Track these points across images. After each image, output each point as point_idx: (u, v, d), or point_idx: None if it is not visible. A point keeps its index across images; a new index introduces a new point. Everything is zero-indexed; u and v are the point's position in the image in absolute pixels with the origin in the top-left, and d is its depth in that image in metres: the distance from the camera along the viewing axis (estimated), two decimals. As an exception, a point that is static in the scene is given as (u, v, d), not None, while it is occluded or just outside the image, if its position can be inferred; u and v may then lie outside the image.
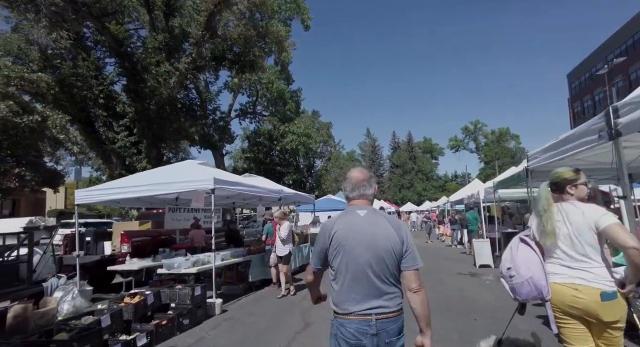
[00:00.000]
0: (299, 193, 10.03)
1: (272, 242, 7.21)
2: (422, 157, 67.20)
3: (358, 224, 1.81)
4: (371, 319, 1.70)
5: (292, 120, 27.65)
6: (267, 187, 8.12)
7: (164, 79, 18.78)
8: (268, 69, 25.94)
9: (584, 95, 47.24)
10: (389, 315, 1.72)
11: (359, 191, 1.92)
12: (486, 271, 8.56)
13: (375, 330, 1.69)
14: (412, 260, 1.77)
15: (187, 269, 5.65)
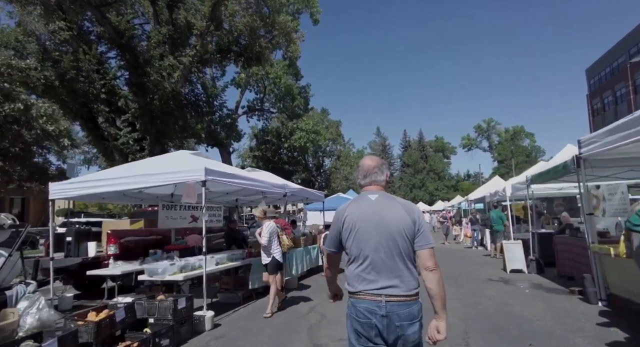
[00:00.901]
0: (307, 189, 9.10)
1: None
2: (433, 156, 65.79)
3: (369, 208, 1.84)
4: (381, 300, 1.71)
5: (301, 117, 26.75)
6: (270, 182, 7.21)
7: (168, 72, 18.12)
8: (276, 64, 25.12)
9: (604, 90, 45.48)
10: (400, 298, 1.71)
11: (370, 178, 1.95)
12: (519, 277, 7.50)
13: (384, 311, 1.69)
14: (425, 239, 1.78)
15: (172, 275, 4.77)
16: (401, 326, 1.69)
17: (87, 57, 16.33)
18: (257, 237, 5.39)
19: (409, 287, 1.73)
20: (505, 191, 10.54)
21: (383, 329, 1.69)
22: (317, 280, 8.20)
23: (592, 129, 46.67)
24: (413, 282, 1.75)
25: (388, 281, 1.73)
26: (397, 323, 1.68)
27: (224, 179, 5.37)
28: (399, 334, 1.69)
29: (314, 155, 38.26)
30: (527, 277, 7.44)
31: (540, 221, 10.81)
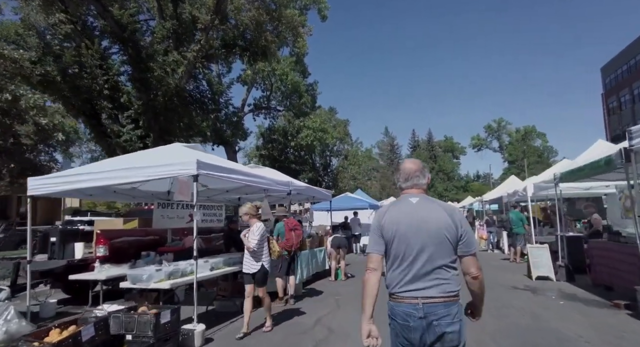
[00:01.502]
0: (313, 188, 8.48)
1: (283, 245, 5.73)
2: (442, 157, 64.69)
3: (410, 211, 1.84)
4: (417, 303, 1.72)
5: (308, 115, 26.14)
6: (273, 179, 6.60)
7: (172, 68, 17.71)
8: (283, 60, 24.56)
9: (621, 89, 44.19)
10: (437, 300, 1.71)
11: (412, 181, 1.94)
12: (548, 286, 6.78)
13: (422, 313, 1.70)
14: (468, 245, 1.78)
15: (158, 282, 4.19)
16: (439, 325, 1.70)
17: (89, 52, 15.93)
18: (243, 239, 4.43)
19: (447, 289, 1.74)
20: (526, 191, 9.80)
21: (423, 331, 1.70)
22: (324, 285, 7.58)
23: (608, 129, 45.35)
24: (452, 285, 1.75)
25: (426, 283, 1.74)
26: (435, 323, 1.69)
27: (219, 174, 4.78)
28: (437, 334, 1.70)
29: (321, 155, 37.66)
30: (556, 286, 6.72)
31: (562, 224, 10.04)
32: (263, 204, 7.03)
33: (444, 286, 1.73)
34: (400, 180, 1.99)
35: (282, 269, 5.75)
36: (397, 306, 1.77)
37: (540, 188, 8.99)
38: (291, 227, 5.78)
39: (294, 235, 5.75)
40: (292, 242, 5.72)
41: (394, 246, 1.82)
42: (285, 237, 5.74)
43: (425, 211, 1.82)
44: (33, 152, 22.75)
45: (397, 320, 1.76)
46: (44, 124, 14.40)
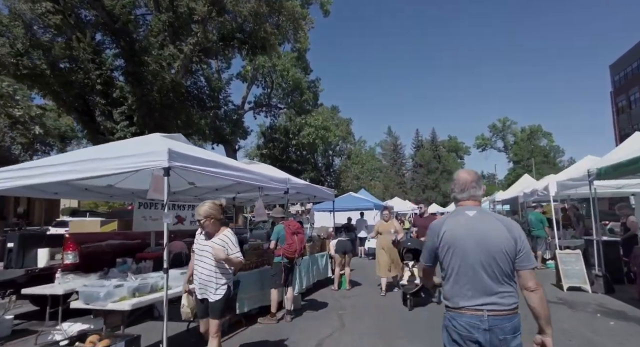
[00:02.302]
0: (314, 186, 7.63)
1: (282, 251, 4.89)
2: (447, 157, 63.69)
3: (467, 224, 1.83)
4: (483, 315, 1.71)
5: (310, 113, 25.32)
6: (267, 175, 5.75)
7: (168, 62, 16.97)
8: (284, 56, 23.77)
9: (631, 86, 43.08)
10: (502, 312, 1.71)
11: (468, 192, 1.92)
12: (584, 298, 5.89)
13: (487, 325, 1.70)
14: (527, 259, 1.77)
15: (118, 302, 3.35)
16: (505, 340, 1.70)
17: (81, 46, 15.21)
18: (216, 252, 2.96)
19: (509, 302, 1.74)
20: (547, 190, 8.91)
21: (485, 342, 1.70)
22: (326, 296, 6.72)
23: (617, 128, 44.27)
24: (512, 299, 1.75)
25: (487, 298, 1.74)
26: (500, 337, 1.69)
27: (198, 167, 3.93)
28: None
29: (324, 154, 36.87)
30: (594, 299, 5.83)
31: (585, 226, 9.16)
32: (257, 203, 6.21)
33: (506, 299, 1.74)
34: (456, 190, 1.98)
35: (280, 280, 4.89)
36: (460, 317, 1.76)
37: (566, 187, 8.12)
38: (293, 231, 4.93)
39: (296, 239, 4.91)
40: (295, 248, 4.89)
41: (452, 260, 1.82)
42: (286, 242, 4.89)
43: (483, 224, 1.81)
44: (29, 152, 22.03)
45: (459, 331, 1.75)
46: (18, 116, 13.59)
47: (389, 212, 6.90)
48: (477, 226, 1.81)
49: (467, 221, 1.84)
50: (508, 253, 1.74)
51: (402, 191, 54.10)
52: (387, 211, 6.97)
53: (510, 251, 1.74)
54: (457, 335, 1.75)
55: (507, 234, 1.77)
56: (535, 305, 1.72)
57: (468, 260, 1.77)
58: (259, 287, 5.02)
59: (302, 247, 5.09)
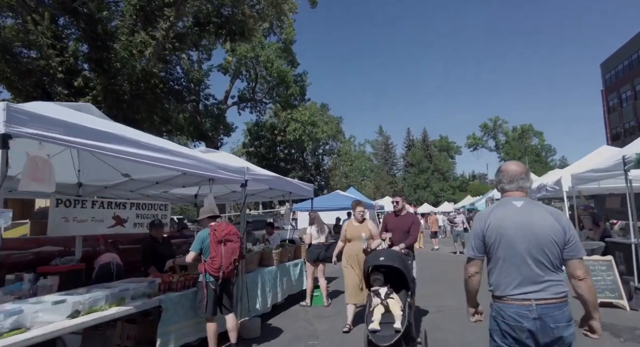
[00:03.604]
0: (286, 179, 6.26)
1: (208, 267, 3.50)
2: (438, 156, 62.98)
3: (515, 215, 1.85)
4: (531, 304, 1.73)
5: (296, 108, 23.96)
6: (215, 162, 4.37)
7: (139, 50, 15.46)
8: (268, 47, 22.37)
9: (622, 85, 42.81)
10: (550, 301, 1.73)
11: (517, 183, 1.94)
12: (625, 319, 4.65)
13: (536, 314, 1.72)
14: (576, 249, 1.79)
15: None
16: (557, 328, 1.71)
17: (39, 29, 13.65)
18: None
19: (557, 291, 1.75)
20: (559, 185, 7.73)
21: (537, 331, 1.72)
22: (296, 317, 5.37)
23: (608, 127, 43.94)
24: (560, 288, 1.76)
25: (536, 286, 1.75)
26: (552, 325, 1.71)
27: (74, 139, 2.53)
28: (555, 336, 1.71)
29: (313, 153, 35.60)
30: (637, 319, 4.60)
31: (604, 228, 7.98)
32: (207, 200, 4.83)
33: (555, 287, 1.75)
34: (504, 181, 1.98)
35: (207, 307, 3.48)
36: (508, 308, 1.78)
37: (585, 180, 6.91)
38: (220, 238, 3.50)
39: (223, 250, 3.49)
40: (219, 263, 3.48)
41: (499, 249, 1.84)
42: (209, 255, 3.51)
43: (531, 214, 1.83)
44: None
45: (508, 321, 1.77)
46: None
47: (363, 210, 4.85)
48: (525, 216, 1.82)
49: (514, 211, 1.85)
50: (557, 243, 1.76)
51: (393, 190, 53.10)
52: (360, 207, 4.84)
53: (559, 241, 1.76)
54: (507, 325, 1.78)
55: (556, 223, 1.78)
56: (584, 293, 1.74)
57: (515, 249, 1.80)
58: (190, 315, 3.63)
59: (234, 261, 3.59)
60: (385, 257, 3.64)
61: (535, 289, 1.73)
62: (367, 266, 3.72)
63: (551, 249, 1.75)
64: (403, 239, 4.41)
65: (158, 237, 4.51)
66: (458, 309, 5.31)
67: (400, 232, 4.53)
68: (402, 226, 4.58)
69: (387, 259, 3.62)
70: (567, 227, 1.78)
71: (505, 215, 1.85)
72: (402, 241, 4.37)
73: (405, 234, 4.50)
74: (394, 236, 4.52)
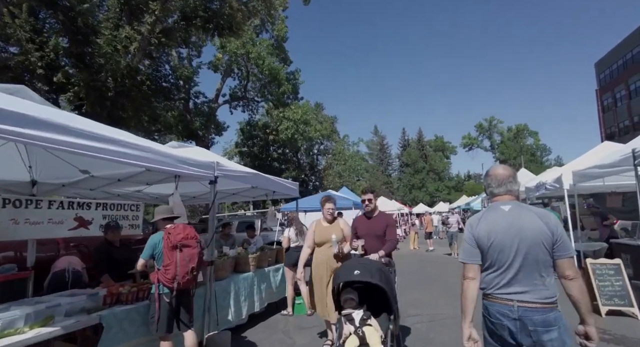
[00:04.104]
0: (266, 176, 5.75)
1: (161, 277, 2.99)
2: (433, 156, 62.75)
3: (503, 218, 1.87)
4: (512, 305, 1.78)
5: (288, 106, 23.42)
6: (181, 156, 3.86)
7: (124, 45, 14.90)
8: (259, 43, 21.84)
9: (616, 84, 42.79)
10: (532, 305, 1.74)
11: (505, 187, 1.97)
12: (634, 329, 4.22)
13: (516, 315, 1.75)
14: (564, 249, 1.78)
15: None
16: (535, 331, 1.72)
17: (16, 22, 13.06)
18: None
19: (543, 295, 1.76)
20: (560, 183, 7.29)
21: (516, 331, 1.76)
22: (274, 327, 4.87)
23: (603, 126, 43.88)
24: (548, 292, 1.77)
25: (521, 288, 1.78)
26: (530, 328, 1.73)
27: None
28: (534, 339, 1.73)
29: (307, 153, 35.08)
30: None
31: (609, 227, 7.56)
32: (172, 199, 4.33)
33: (541, 291, 1.76)
34: (492, 185, 2.00)
35: (159, 323, 2.96)
36: (492, 306, 1.84)
37: (587, 177, 6.47)
38: (175, 243, 2.99)
39: (178, 257, 2.98)
40: (173, 273, 2.96)
41: (489, 253, 1.87)
42: (162, 263, 3.01)
43: (519, 218, 1.84)
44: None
45: (491, 318, 1.84)
46: None
47: (332, 207, 3.94)
48: (513, 220, 1.84)
49: (503, 215, 1.88)
50: (545, 245, 1.77)
51: (388, 190, 52.71)
52: (329, 204, 3.95)
53: (547, 243, 1.77)
54: (490, 323, 1.86)
55: (543, 225, 1.79)
56: (574, 293, 1.73)
57: (504, 253, 1.82)
58: (142, 332, 3.10)
59: (192, 270, 3.04)
60: (361, 271, 2.70)
61: (520, 290, 1.77)
62: (337, 282, 2.82)
63: (539, 251, 1.77)
64: (378, 246, 3.58)
65: (114, 241, 3.98)
66: (454, 317, 4.84)
67: (374, 237, 3.69)
68: (375, 230, 3.72)
69: (363, 272, 2.69)
70: (554, 229, 1.78)
71: (494, 219, 1.89)
72: (376, 249, 3.54)
73: (379, 239, 3.68)
74: (367, 243, 3.68)
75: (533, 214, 1.83)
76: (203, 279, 3.95)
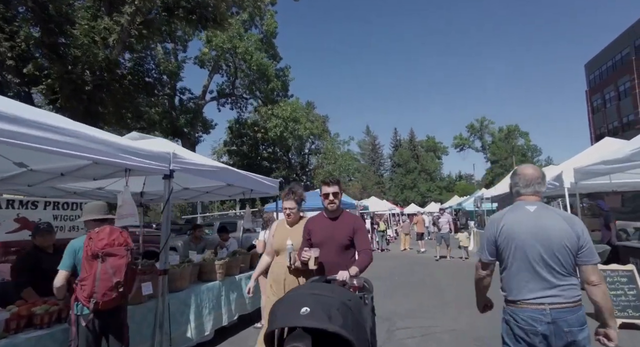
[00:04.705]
0: (243, 173, 5.10)
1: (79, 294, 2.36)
2: (425, 156, 62.64)
3: (528, 219, 1.84)
4: (544, 308, 1.74)
5: (277, 103, 22.78)
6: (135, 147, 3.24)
7: (102, 37, 14.13)
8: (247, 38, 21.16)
9: (606, 86, 43.13)
10: (564, 305, 1.74)
11: (533, 188, 1.94)
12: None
13: (550, 318, 1.72)
14: (590, 255, 1.77)
15: None
16: (571, 332, 1.71)
17: (-17, 11, 12.26)
18: None
19: (571, 295, 1.75)
20: (560, 181, 6.80)
21: (550, 335, 1.72)
22: (245, 344, 4.25)
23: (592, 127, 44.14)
24: (574, 292, 1.77)
25: (548, 291, 1.76)
26: (566, 329, 1.71)
27: None
28: (569, 340, 1.72)
29: (299, 153, 34.46)
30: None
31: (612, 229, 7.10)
32: (122, 197, 3.68)
33: (568, 291, 1.76)
34: (520, 185, 1.96)
35: None
36: (522, 312, 1.78)
37: (591, 174, 5.98)
38: (96, 251, 2.32)
39: (99, 270, 2.30)
40: (90, 289, 2.29)
41: (511, 254, 1.83)
42: (79, 276, 2.36)
43: (544, 219, 1.82)
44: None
45: (521, 325, 1.78)
46: None
47: (292, 207, 3.03)
48: (538, 221, 1.82)
49: (527, 216, 1.85)
50: (570, 248, 1.76)
51: (380, 191, 52.36)
52: (289, 201, 3.05)
53: (572, 246, 1.76)
54: (520, 329, 1.78)
55: (569, 229, 1.78)
56: (598, 299, 1.73)
57: (528, 254, 1.79)
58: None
59: (118, 285, 2.35)
60: (313, 308, 1.59)
61: (549, 294, 1.75)
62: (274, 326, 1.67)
63: (564, 254, 1.76)
64: (340, 261, 2.52)
65: (45, 247, 3.32)
66: (450, 331, 4.28)
67: (336, 247, 2.59)
68: (339, 236, 2.62)
69: (315, 312, 1.57)
70: (580, 233, 1.77)
71: (517, 219, 1.86)
72: (337, 264, 2.47)
73: (343, 251, 2.61)
74: (325, 254, 2.54)
75: (558, 216, 1.82)
76: (154, 292, 3.33)
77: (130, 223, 3.60)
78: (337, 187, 2.78)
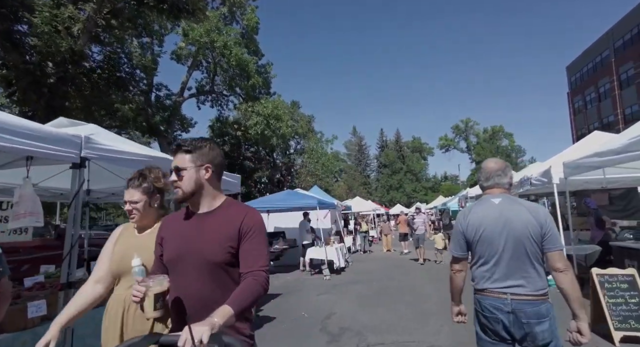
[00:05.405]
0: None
1: None
2: (410, 157, 62.67)
3: (492, 212, 1.88)
4: (506, 298, 1.77)
5: (259, 100, 22.00)
6: (21, 125, 2.51)
7: (66, 26, 13.17)
8: (226, 33, 20.34)
9: (587, 87, 43.84)
10: (525, 297, 1.74)
11: (493, 180, 1.97)
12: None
13: (510, 308, 1.75)
14: (553, 241, 1.78)
15: None
16: (528, 324, 1.73)
17: None
18: None
19: (535, 287, 1.76)
20: (549, 176, 6.30)
21: (509, 324, 1.75)
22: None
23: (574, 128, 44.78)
24: (540, 283, 1.77)
25: (514, 281, 1.78)
26: (524, 320, 1.73)
27: None
28: (526, 331, 1.73)
29: (284, 153, 33.70)
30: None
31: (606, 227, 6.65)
32: (19, 193, 2.97)
33: (532, 284, 1.75)
34: (482, 179, 2.01)
35: None
36: (485, 299, 1.83)
37: (580, 168, 5.48)
38: None
39: None
40: None
41: (478, 246, 1.88)
42: None
43: (508, 211, 1.84)
44: None
45: (485, 313, 1.82)
46: None
47: (144, 194, 1.89)
48: (502, 212, 1.85)
49: (492, 208, 1.88)
50: (533, 237, 1.77)
51: (367, 191, 52.02)
52: (137, 186, 1.90)
53: (536, 235, 1.77)
54: (483, 317, 1.84)
55: (532, 219, 1.79)
56: (565, 286, 1.72)
57: (493, 246, 1.82)
58: None
59: None
60: None
61: (512, 284, 1.77)
62: None
63: (529, 244, 1.77)
64: (218, 292, 1.33)
65: None
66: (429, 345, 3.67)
67: (203, 267, 1.36)
68: (208, 248, 1.37)
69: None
70: (543, 221, 1.78)
71: (483, 212, 1.90)
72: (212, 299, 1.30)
73: (218, 272, 1.37)
74: (184, 281, 1.38)
75: (522, 207, 1.85)
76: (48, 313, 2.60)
77: (30, 224, 2.89)
78: (190, 156, 1.46)
